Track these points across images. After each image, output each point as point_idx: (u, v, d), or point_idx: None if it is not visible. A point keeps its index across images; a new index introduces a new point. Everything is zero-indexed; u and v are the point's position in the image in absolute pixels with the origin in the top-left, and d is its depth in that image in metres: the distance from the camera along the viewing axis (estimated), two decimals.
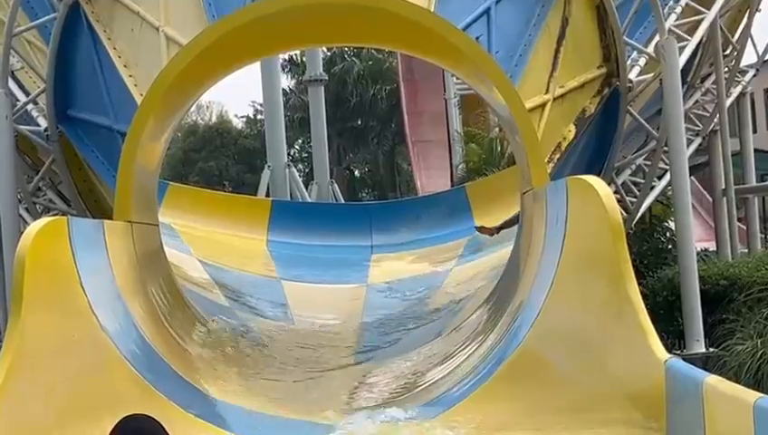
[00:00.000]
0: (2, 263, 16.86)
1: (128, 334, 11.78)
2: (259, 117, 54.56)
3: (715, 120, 18.57)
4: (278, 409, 12.41)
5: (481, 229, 19.36)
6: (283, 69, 48.57)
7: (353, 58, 54.06)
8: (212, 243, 21.88)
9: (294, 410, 12.40)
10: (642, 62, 15.78)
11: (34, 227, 11.13)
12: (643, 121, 16.11)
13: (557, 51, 14.83)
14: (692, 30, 16.34)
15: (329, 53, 51.65)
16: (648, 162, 16.71)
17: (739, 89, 19.77)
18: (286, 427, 11.50)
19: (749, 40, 19.16)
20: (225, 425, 11.09)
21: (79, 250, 11.44)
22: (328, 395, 13.60)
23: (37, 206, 16.82)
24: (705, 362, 12.56)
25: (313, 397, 13.13)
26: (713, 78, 18.43)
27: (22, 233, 11.93)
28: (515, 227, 15.71)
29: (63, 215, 14.97)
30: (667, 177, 16.34)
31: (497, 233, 17.88)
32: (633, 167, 17.21)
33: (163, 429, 4.60)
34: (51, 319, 10.62)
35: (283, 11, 13.80)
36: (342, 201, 31.75)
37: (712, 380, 8.12)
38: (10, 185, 15.53)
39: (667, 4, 16.25)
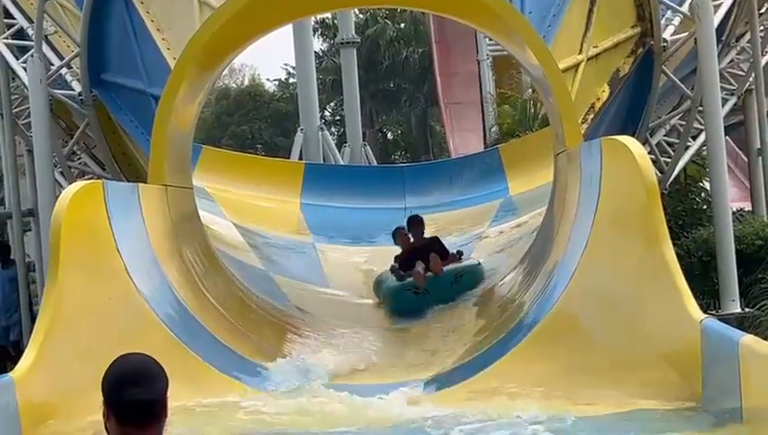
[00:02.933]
0: (38, 226, 17.02)
1: (164, 297, 11.88)
2: (291, 80, 54.51)
3: (751, 79, 18.40)
4: (314, 372, 12.49)
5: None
6: (315, 32, 48.36)
7: (386, 20, 53.89)
8: (245, 206, 21.93)
9: (331, 374, 12.48)
10: (677, 21, 15.67)
11: (70, 190, 11.22)
12: (678, 81, 16.01)
13: (590, 10, 14.74)
14: None
15: (361, 16, 51.53)
16: (683, 122, 16.60)
17: None
18: (321, 390, 11.55)
19: None
20: (262, 386, 11.16)
21: (114, 213, 11.53)
22: (362, 359, 13.68)
23: (72, 170, 16.92)
24: (741, 323, 12.51)
25: (350, 360, 13.19)
26: (748, 36, 18.26)
27: (57, 197, 12.01)
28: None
29: (98, 178, 15.03)
30: (702, 137, 16.24)
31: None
32: (667, 127, 17.12)
33: (159, 366, 4.55)
34: (87, 281, 10.73)
35: None
36: (375, 164, 31.71)
37: (748, 339, 8.11)
38: (45, 149, 15.62)
39: None
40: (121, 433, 4.27)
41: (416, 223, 17.33)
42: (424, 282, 15.58)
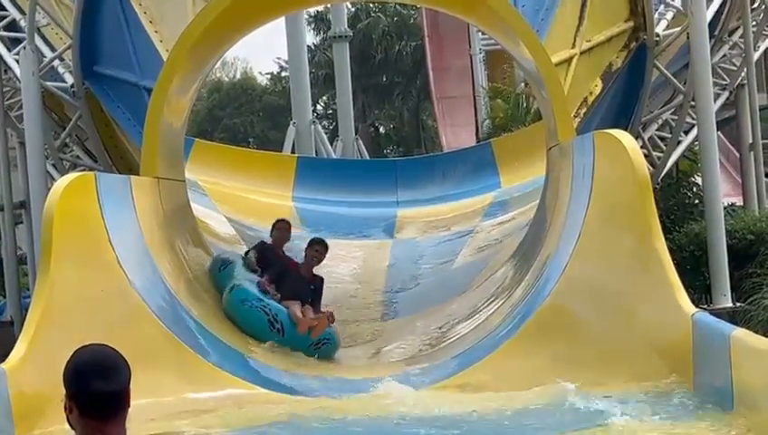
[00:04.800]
0: (30, 218, 16.99)
1: (156, 289, 11.87)
2: (284, 74, 54.36)
3: (743, 74, 18.43)
4: (303, 366, 12.50)
5: None
6: (308, 25, 48.35)
7: (378, 14, 53.84)
8: (238, 199, 21.93)
9: (318, 368, 12.49)
10: (669, 15, 15.70)
11: (62, 182, 11.22)
12: (670, 76, 16.02)
13: (584, 4, 14.76)
14: None
15: (354, 9, 51.47)
16: (675, 117, 16.63)
17: (767, 43, 19.60)
18: (310, 383, 11.56)
19: None
20: (252, 379, 11.16)
21: (106, 205, 11.52)
22: (353, 352, 13.70)
23: (64, 162, 16.89)
24: (732, 317, 12.54)
25: (339, 355, 13.22)
26: (740, 31, 18.28)
27: (49, 189, 12.00)
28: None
29: (90, 171, 15.01)
30: (694, 131, 16.27)
31: None
32: (660, 121, 17.14)
33: (122, 357, 4.52)
34: (79, 273, 10.72)
35: None
36: (367, 158, 31.72)
37: (739, 333, 8.13)
38: (37, 141, 15.61)
39: None
40: (85, 425, 4.24)
41: (321, 248, 13.89)
42: (304, 329, 12.64)
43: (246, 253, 14.12)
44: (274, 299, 12.80)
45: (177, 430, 8.27)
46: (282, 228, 14.58)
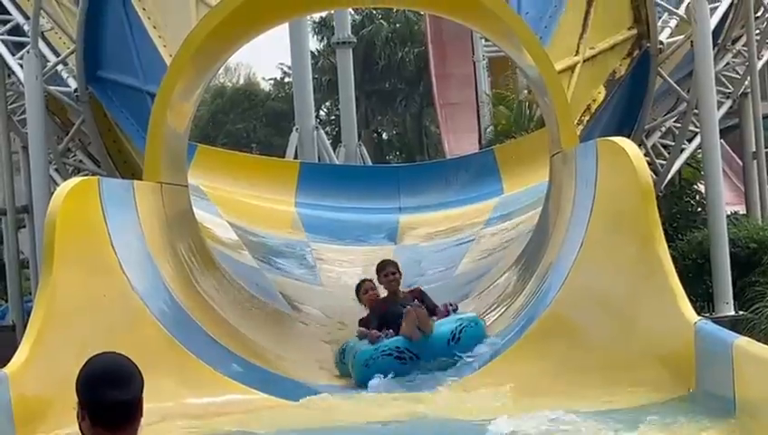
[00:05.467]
0: (33, 222, 17.00)
1: (157, 293, 11.87)
2: (287, 79, 54.37)
3: (746, 82, 18.43)
4: (304, 372, 12.50)
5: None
6: (312, 31, 48.43)
7: (381, 21, 53.85)
8: (240, 205, 21.93)
9: (320, 375, 12.49)
10: (673, 23, 15.70)
11: (65, 186, 11.21)
12: (673, 84, 16.03)
13: (587, 12, 14.76)
14: None
15: (357, 16, 51.46)
16: (679, 125, 16.63)
17: None
18: (311, 390, 11.56)
19: None
20: (252, 384, 11.14)
21: (109, 210, 11.52)
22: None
23: (67, 166, 16.90)
24: (734, 325, 12.52)
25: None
26: (744, 40, 18.29)
27: (52, 193, 12.00)
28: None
29: (93, 175, 15.01)
30: (697, 139, 16.26)
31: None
32: (663, 129, 17.13)
33: (134, 366, 4.49)
34: (81, 277, 10.72)
35: None
36: (370, 164, 31.74)
37: (742, 341, 8.12)
38: (40, 145, 15.61)
39: None
40: (96, 434, 4.25)
41: (390, 269, 12.84)
42: (418, 335, 11.72)
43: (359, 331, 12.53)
44: (381, 337, 11.88)
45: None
46: (364, 289, 13.11)
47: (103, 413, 4.20)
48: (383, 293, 12.88)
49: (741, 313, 13.89)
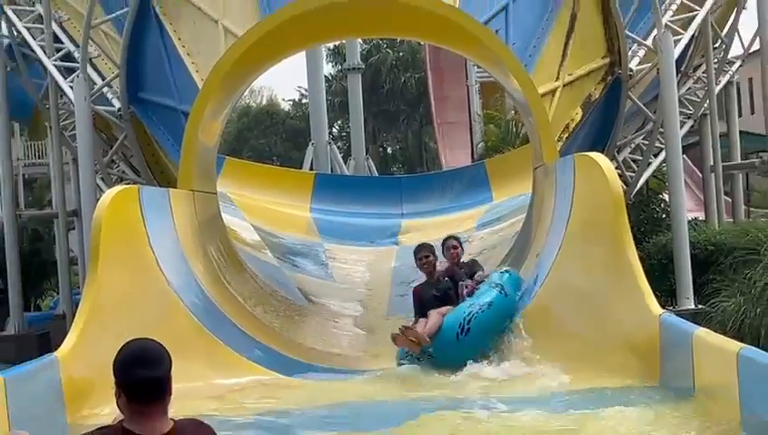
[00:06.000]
0: (81, 225, 17.00)
1: (190, 288, 11.87)
2: (304, 100, 54.25)
3: (705, 105, 18.40)
4: (317, 356, 12.49)
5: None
6: (326, 58, 48.39)
7: (387, 49, 53.85)
8: (263, 210, 21.94)
9: (332, 359, 12.48)
10: (641, 53, 15.66)
11: (109, 193, 11.22)
12: (642, 106, 15.99)
13: (567, 43, 14.74)
14: (686, 25, 16.20)
15: (366, 45, 51.41)
16: (646, 142, 16.59)
17: (727, 77, 19.56)
18: (323, 372, 11.54)
19: (736, 34, 18.98)
20: (273, 367, 11.13)
21: (148, 214, 11.53)
22: (360, 344, 13.67)
23: (111, 176, 16.88)
24: (694, 317, 12.46)
25: (350, 346, 13.19)
26: (704, 68, 18.26)
27: (98, 199, 12.00)
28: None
29: (134, 184, 15.01)
30: (663, 155, 16.22)
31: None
32: (632, 145, 17.08)
33: (163, 349, 4.49)
34: (123, 274, 10.72)
35: (326, 6, 13.77)
36: (376, 175, 31.74)
37: (701, 332, 8.11)
38: (88, 158, 15.61)
39: (663, 2, 16.09)
40: (131, 410, 4.23)
41: (424, 253, 11.73)
42: (418, 349, 10.72)
43: None
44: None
45: (206, 412, 8.23)
46: (422, 256, 11.69)
47: (136, 391, 4.21)
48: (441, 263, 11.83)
49: (700, 306, 13.85)
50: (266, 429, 8.48)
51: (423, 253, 11.64)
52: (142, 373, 4.23)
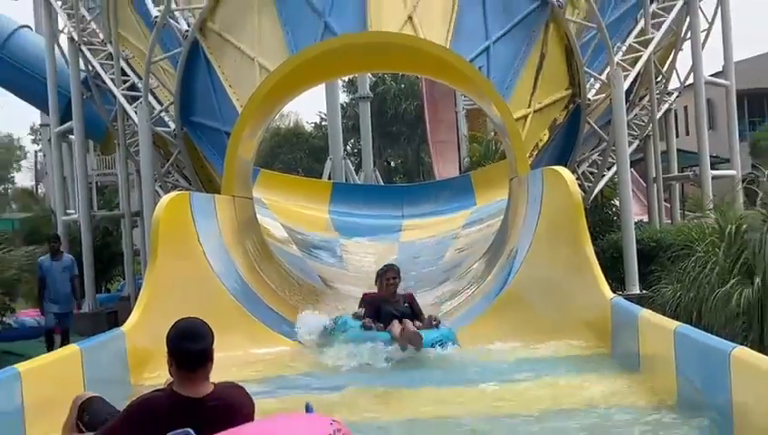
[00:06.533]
0: (143, 223, 17.01)
1: (231, 276, 11.88)
2: (323, 123, 54.24)
3: (649, 128, 18.36)
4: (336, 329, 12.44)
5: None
6: (341, 88, 48.36)
7: (391, 82, 53.70)
8: (290, 212, 21.95)
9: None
10: (597, 86, 15.64)
11: (166, 198, 11.24)
12: (597, 128, 15.96)
13: (536, 78, 14.70)
14: (633, 63, 16.15)
15: (373, 78, 51.32)
16: (601, 157, 16.55)
17: (666, 106, 19.46)
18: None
19: (674, 71, 18.95)
20: (297, 340, 11.09)
21: (197, 215, 11.54)
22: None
23: (167, 184, 16.89)
24: (640, 301, 12.40)
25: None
26: (648, 98, 18.23)
27: (156, 203, 12.02)
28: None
29: (186, 190, 15.02)
30: (614, 168, 16.18)
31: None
32: (589, 160, 17.06)
33: (207, 326, 4.51)
34: (176, 264, 10.72)
35: (341, 47, 13.78)
36: (382, 183, 31.71)
37: (645, 313, 8.09)
38: (149, 169, 15.64)
39: (615, 44, 16.07)
40: (179, 375, 4.24)
41: (390, 274, 10.66)
42: (404, 342, 9.75)
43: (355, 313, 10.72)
44: (375, 328, 10.11)
45: (243, 377, 8.22)
46: (385, 278, 10.68)
47: (183, 360, 4.23)
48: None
49: (644, 292, 13.80)
50: (293, 387, 8.44)
51: (391, 274, 10.59)
52: (189, 346, 4.24)
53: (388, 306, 10.35)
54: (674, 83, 19.45)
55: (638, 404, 6.83)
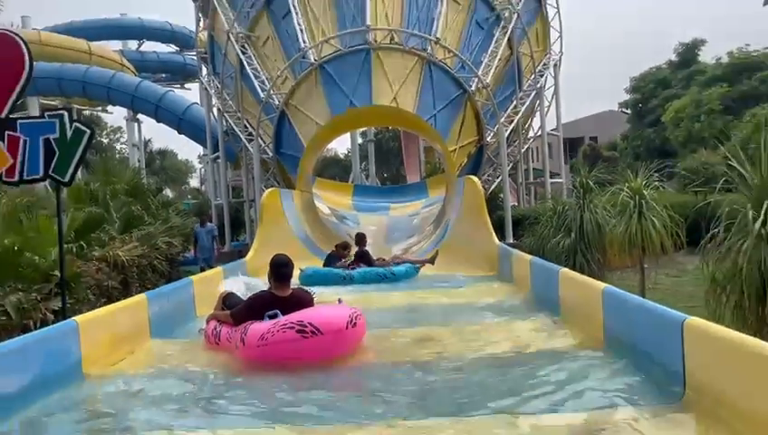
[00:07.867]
0: (255, 206, 16.85)
1: (301, 234, 11.82)
2: (349, 153, 53.86)
3: (518, 156, 18.29)
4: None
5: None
6: (358, 134, 47.92)
7: (385, 131, 53.31)
8: (331, 200, 21.73)
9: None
10: (491, 134, 15.56)
11: (267, 192, 11.18)
12: (492, 157, 15.90)
13: (460, 130, 14.63)
14: (510, 122, 16.04)
15: (376, 130, 50.64)
16: (493, 172, 16.49)
17: (527, 145, 19.33)
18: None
19: (531, 127, 18.82)
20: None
21: (284, 202, 11.48)
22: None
23: (267, 184, 16.75)
24: (513, 246, 12.41)
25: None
26: (517, 142, 18.14)
27: (262, 195, 11.92)
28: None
29: (277, 187, 14.91)
30: (500, 177, 16.14)
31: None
32: (488, 173, 16.97)
33: (289, 259, 4.47)
34: (271, 228, 10.67)
35: (358, 113, 13.64)
36: (380, 185, 31.46)
37: (516, 252, 7.94)
38: (258, 178, 15.51)
39: (501, 112, 15.92)
40: (275, 283, 4.28)
41: (340, 246, 9.28)
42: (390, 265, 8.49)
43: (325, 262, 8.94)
44: (343, 263, 8.53)
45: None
46: (339, 248, 9.21)
47: (278, 275, 4.25)
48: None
49: (515, 241, 13.82)
50: (331, 292, 8.17)
51: (340, 246, 9.07)
52: (280, 269, 4.27)
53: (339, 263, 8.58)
54: (531, 133, 19.35)
55: (508, 301, 6.60)
